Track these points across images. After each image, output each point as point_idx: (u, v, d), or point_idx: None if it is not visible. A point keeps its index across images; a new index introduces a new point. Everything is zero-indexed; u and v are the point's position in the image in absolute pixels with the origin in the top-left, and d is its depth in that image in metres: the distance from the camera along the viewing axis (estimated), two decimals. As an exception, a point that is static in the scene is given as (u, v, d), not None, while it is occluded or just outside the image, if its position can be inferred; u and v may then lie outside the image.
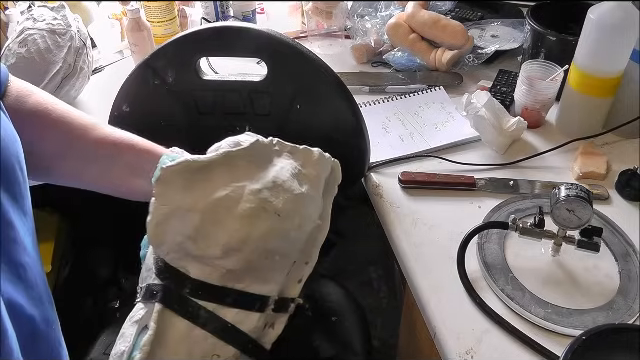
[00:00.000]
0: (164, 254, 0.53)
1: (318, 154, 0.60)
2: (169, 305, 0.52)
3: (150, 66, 0.75)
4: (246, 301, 0.54)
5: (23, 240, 0.49)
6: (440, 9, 1.17)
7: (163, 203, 0.52)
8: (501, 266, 0.67)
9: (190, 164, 0.53)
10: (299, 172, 0.58)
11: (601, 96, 0.85)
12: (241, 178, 0.54)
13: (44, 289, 0.52)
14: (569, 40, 0.89)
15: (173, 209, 0.52)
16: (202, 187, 0.53)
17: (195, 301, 0.52)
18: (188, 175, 0.53)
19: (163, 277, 0.53)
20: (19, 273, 0.48)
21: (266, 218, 0.53)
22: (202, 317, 0.52)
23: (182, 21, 1.15)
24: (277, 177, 0.55)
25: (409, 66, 1.06)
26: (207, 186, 0.53)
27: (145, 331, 0.52)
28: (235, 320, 0.53)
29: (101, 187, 0.64)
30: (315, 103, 0.77)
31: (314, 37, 1.17)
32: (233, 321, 0.53)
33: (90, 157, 0.61)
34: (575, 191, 0.62)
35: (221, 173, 0.53)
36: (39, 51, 0.90)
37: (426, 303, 0.65)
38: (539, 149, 0.86)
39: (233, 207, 0.52)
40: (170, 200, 0.52)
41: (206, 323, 0.52)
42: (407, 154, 0.86)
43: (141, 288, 0.56)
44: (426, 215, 0.75)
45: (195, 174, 0.53)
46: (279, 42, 0.73)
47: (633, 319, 0.61)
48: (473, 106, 0.86)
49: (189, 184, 0.53)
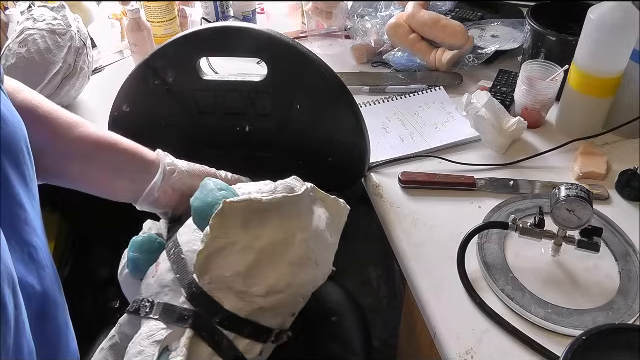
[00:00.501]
0: (205, 283, 0.54)
1: (343, 205, 0.63)
2: (199, 331, 0.53)
3: (150, 66, 0.75)
4: (258, 333, 0.56)
5: (33, 222, 0.50)
6: (440, 9, 1.17)
7: (220, 236, 0.53)
8: (501, 266, 0.67)
9: (253, 203, 0.54)
10: (330, 222, 0.60)
11: (601, 96, 0.85)
12: (292, 224, 0.55)
13: (52, 271, 0.53)
14: (569, 40, 0.89)
15: (228, 244, 0.53)
16: (258, 227, 0.54)
17: (221, 330, 0.54)
18: (247, 212, 0.54)
19: (196, 303, 0.54)
20: (30, 253, 0.49)
21: (309, 266, 0.56)
22: (223, 346, 0.54)
23: (182, 21, 1.15)
24: (318, 227, 0.58)
25: (409, 66, 1.06)
26: (263, 227, 0.54)
27: (167, 352, 0.53)
28: (245, 350, 0.55)
29: (83, 186, 0.64)
30: (315, 103, 0.77)
31: (314, 37, 1.17)
32: (244, 351, 0.55)
33: (71, 154, 0.62)
34: (575, 191, 0.62)
35: (276, 216, 0.55)
36: (39, 51, 0.90)
37: (426, 303, 0.64)
38: (539, 149, 0.86)
39: (286, 252, 0.54)
40: (227, 234, 0.53)
41: (225, 352, 0.54)
42: (407, 154, 0.86)
43: (149, 302, 0.57)
44: (426, 215, 0.75)
45: (254, 213, 0.54)
46: (279, 42, 0.73)
47: (633, 319, 0.61)
48: (473, 106, 0.86)
49: (246, 222, 0.54)
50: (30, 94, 0.62)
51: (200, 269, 0.53)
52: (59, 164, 0.62)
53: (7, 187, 0.47)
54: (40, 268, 0.51)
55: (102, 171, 0.63)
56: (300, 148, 0.80)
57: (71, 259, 1.14)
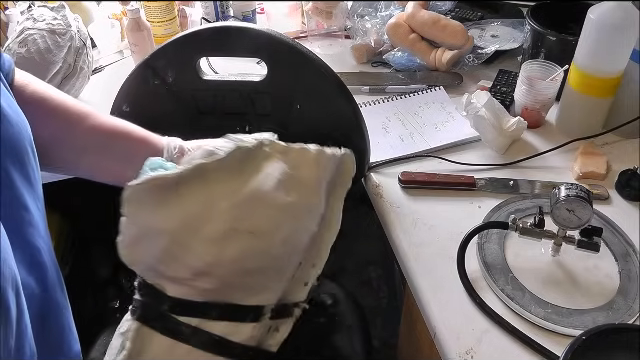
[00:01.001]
0: (139, 272, 0.51)
1: (316, 153, 0.55)
2: (148, 322, 0.50)
3: (150, 66, 0.75)
4: (234, 313, 0.51)
5: (38, 223, 0.50)
6: (440, 9, 1.17)
7: (132, 223, 0.49)
8: (501, 266, 0.67)
9: (156, 182, 0.48)
10: (289, 177, 0.53)
11: (601, 96, 0.85)
12: (216, 194, 0.49)
13: (55, 272, 0.53)
14: (569, 40, 0.89)
15: (143, 229, 0.49)
16: (174, 205, 0.49)
17: (175, 317, 0.50)
18: (158, 191, 0.49)
19: (142, 293, 0.51)
20: (34, 255, 0.49)
21: (238, 239, 0.49)
22: (184, 333, 0.50)
23: (182, 21, 1.15)
24: (257, 189, 0.50)
25: (409, 66, 1.06)
26: (178, 203, 0.49)
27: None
28: (225, 332, 0.51)
29: (98, 176, 0.64)
30: (315, 103, 0.77)
31: (314, 37, 1.17)
32: (223, 333, 0.51)
33: (85, 145, 0.61)
34: (575, 191, 0.62)
35: (195, 188, 0.49)
36: (39, 51, 0.90)
37: (426, 303, 0.64)
38: (539, 149, 0.86)
39: (201, 228, 0.49)
40: (140, 220, 0.49)
41: (189, 338, 0.50)
42: (407, 154, 0.86)
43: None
44: (426, 215, 0.75)
45: (167, 190, 0.49)
46: (279, 42, 0.73)
47: (633, 319, 0.61)
48: (473, 106, 0.86)
49: (161, 201, 0.49)
50: (40, 86, 0.62)
51: (127, 260, 0.50)
52: (72, 156, 0.62)
53: (11, 189, 0.47)
54: (43, 270, 0.51)
55: (116, 161, 0.62)
56: (300, 148, 0.80)
57: (71, 259, 1.14)
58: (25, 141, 0.50)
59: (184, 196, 0.49)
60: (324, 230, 0.56)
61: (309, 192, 0.54)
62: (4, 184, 0.46)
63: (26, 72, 0.62)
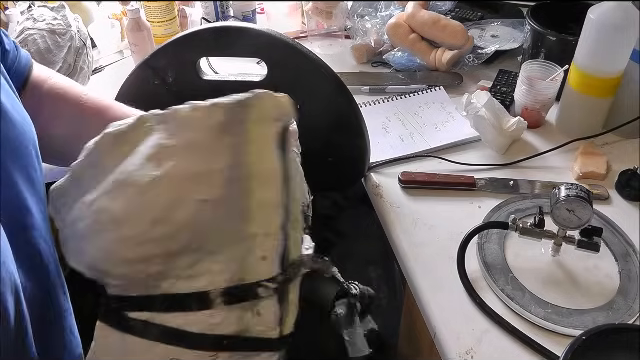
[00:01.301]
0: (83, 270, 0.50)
1: (189, 110, 0.48)
2: (105, 320, 0.49)
3: (150, 66, 0.75)
4: (178, 303, 0.48)
5: (40, 226, 0.50)
6: (440, 9, 1.17)
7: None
8: (501, 266, 0.67)
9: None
10: (160, 148, 0.47)
11: (601, 96, 0.85)
12: (84, 189, 0.48)
13: (57, 276, 0.53)
14: (569, 40, 0.89)
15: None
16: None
17: (125, 313, 0.48)
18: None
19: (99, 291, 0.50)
20: (35, 258, 0.49)
21: (108, 232, 0.46)
22: (137, 328, 0.48)
23: (182, 21, 1.15)
24: (121, 173, 0.46)
25: (409, 66, 1.06)
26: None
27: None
28: (184, 323, 0.48)
29: None
30: (315, 103, 0.77)
31: (314, 37, 1.17)
32: (182, 324, 0.48)
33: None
34: (575, 191, 0.62)
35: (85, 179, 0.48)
36: (39, 51, 0.90)
37: (426, 303, 0.64)
38: (539, 149, 0.86)
39: (77, 223, 0.48)
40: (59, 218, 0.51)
41: (143, 333, 0.48)
42: (407, 154, 0.86)
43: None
44: (426, 215, 0.75)
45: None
46: (279, 42, 0.73)
47: (633, 319, 0.61)
48: (473, 106, 0.86)
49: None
50: (58, 80, 0.61)
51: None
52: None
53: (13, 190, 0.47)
54: (45, 273, 0.51)
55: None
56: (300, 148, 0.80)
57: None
58: (29, 143, 0.50)
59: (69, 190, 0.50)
60: (256, 187, 0.47)
61: (191, 154, 0.47)
62: (5, 185, 0.46)
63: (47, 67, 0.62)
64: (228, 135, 0.47)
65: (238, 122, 0.47)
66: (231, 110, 0.48)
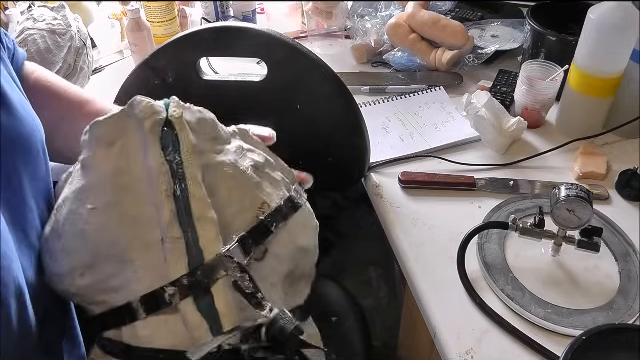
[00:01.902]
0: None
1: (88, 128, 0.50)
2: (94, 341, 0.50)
3: (150, 66, 0.75)
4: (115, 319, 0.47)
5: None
6: (440, 9, 1.17)
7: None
8: (501, 266, 0.67)
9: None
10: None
11: (601, 96, 0.85)
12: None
13: None
14: (569, 40, 0.89)
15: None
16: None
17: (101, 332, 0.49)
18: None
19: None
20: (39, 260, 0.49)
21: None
22: (104, 345, 0.48)
23: (182, 21, 1.15)
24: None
25: (409, 66, 1.06)
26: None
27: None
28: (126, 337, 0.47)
29: None
30: (315, 103, 0.77)
31: (314, 37, 1.17)
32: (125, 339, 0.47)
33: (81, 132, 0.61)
34: (575, 191, 0.62)
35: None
36: (39, 51, 0.90)
37: (426, 303, 0.64)
38: (539, 149, 0.86)
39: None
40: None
41: (110, 350, 0.48)
42: (407, 154, 0.86)
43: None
44: (426, 215, 0.75)
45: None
46: (279, 42, 0.73)
47: (633, 319, 0.61)
48: (473, 106, 0.86)
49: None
50: (42, 73, 0.62)
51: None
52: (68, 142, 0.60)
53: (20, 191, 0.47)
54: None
55: None
56: (300, 148, 0.80)
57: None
58: (37, 142, 0.50)
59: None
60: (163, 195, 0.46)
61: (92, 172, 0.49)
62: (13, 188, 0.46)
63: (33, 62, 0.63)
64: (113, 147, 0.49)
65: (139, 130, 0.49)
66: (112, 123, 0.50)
